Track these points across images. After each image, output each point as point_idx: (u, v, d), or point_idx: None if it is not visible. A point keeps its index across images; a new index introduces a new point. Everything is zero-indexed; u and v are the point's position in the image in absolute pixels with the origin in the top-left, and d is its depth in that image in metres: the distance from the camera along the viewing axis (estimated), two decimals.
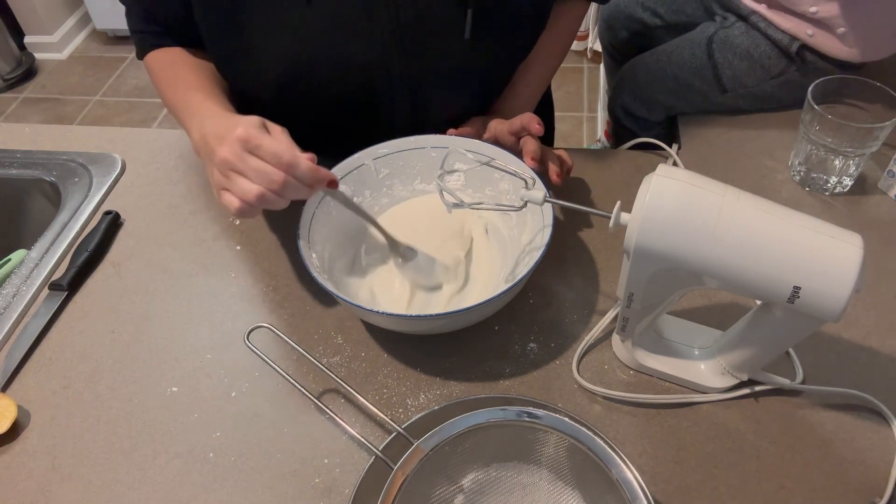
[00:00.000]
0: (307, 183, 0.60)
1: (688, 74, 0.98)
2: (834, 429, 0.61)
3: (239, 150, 0.59)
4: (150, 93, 2.58)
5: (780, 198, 0.82)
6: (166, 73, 0.79)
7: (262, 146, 0.58)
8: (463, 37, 0.73)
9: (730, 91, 0.94)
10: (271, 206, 0.60)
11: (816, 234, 0.50)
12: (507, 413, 0.53)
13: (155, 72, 0.80)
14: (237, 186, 0.59)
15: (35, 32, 2.78)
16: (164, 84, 0.78)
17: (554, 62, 0.90)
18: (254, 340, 0.65)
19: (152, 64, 0.81)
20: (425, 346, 0.68)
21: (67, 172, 0.90)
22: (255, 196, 0.58)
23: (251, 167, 0.58)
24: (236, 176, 0.59)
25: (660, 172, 0.52)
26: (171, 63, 0.79)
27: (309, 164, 0.60)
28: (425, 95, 0.80)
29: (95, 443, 0.63)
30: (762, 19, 0.92)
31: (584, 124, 2.27)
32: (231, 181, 0.60)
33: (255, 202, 0.59)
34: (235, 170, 0.59)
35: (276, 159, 0.58)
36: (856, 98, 0.78)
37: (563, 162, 0.76)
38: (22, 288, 0.76)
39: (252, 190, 0.58)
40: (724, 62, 0.95)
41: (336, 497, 0.58)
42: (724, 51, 0.95)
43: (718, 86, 0.95)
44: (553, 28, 0.85)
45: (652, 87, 1.05)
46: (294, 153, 0.59)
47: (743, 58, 0.94)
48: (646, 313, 0.60)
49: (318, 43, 0.73)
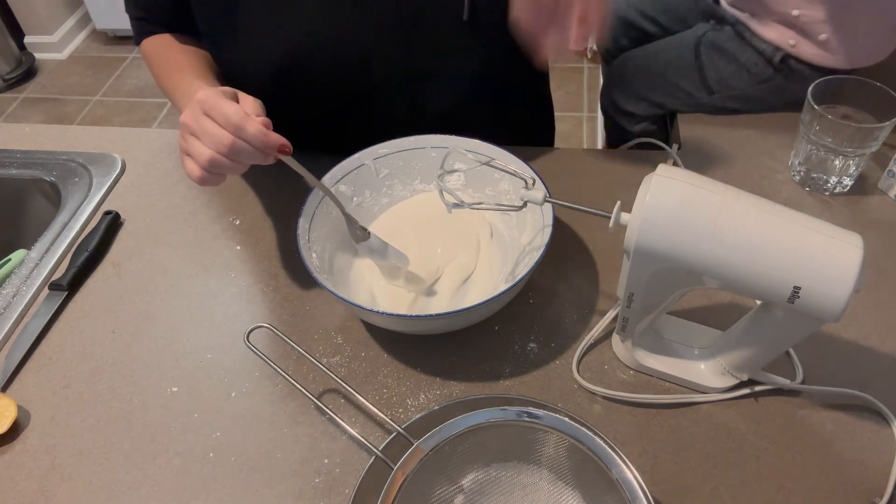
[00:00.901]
0: (256, 146, 0.58)
1: (674, 73, 0.98)
2: (834, 429, 0.61)
3: (197, 112, 0.58)
4: (150, 93, 2.58)
5: (780, 198, 0.82)
6: (159, 59, 0.80)
7: (215, 107, 0.57)
8: (461, 19, 0.73)
9: (716, 93, 0.94)
10: (227, 171, 0.59)
11: (816, 234, 0.50)
12: (507, 413, 0.53)
13: (149, 57, 0.81)
14: (193, 150, 0.59)
15: (35, 32, 2.78)
16: (158, 69, 0.79)
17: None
18: (254, 340, 0.65)
19: (147, 50, 0.82)
20: (425, 346, 0.68)
21: (67, 172, 0.90)
22: (206, 159, 0.58)
23: (204, 129, 0.58)
24: (192, 139, 0.59)
25: (660, 172, 0.52)
26: (164, 48, 0.80)
27: (257, 126, 0.58)
28: (424, 82, 0.80)
29: (95, 443, 0.63)
30: (746, 29, 0.92)
31: (584, 124, 2.27)
32: (189, 144, 0.59)
33: (207, 165, 0.58)
34: (192, 132, 0.59)
35: (226, 120, 0.57)
36: (855, 98, 0.78)
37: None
38: (22, 288, 0.76)
39: (204, 153, 0.58)
40: (710, 64, 0.95)
41: (336, 497, 0.58)
42: (710, 53, 0.95)
43: (704, 86, 0.95)
44: None
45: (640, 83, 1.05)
46: (242, 115, 0.57)
47: (730, 61, 0.93)
48: (646, 313, 0.60)
49: (315, 28, 0.73)
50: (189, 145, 0.59)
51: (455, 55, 0.78)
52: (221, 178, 0.60)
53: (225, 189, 0.87)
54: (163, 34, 0.81)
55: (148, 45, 0.82)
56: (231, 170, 0.59)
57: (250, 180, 0.88)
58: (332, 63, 0.76)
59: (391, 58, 0.76)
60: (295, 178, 0.63)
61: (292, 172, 0.62)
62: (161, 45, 0.81)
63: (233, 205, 0.85)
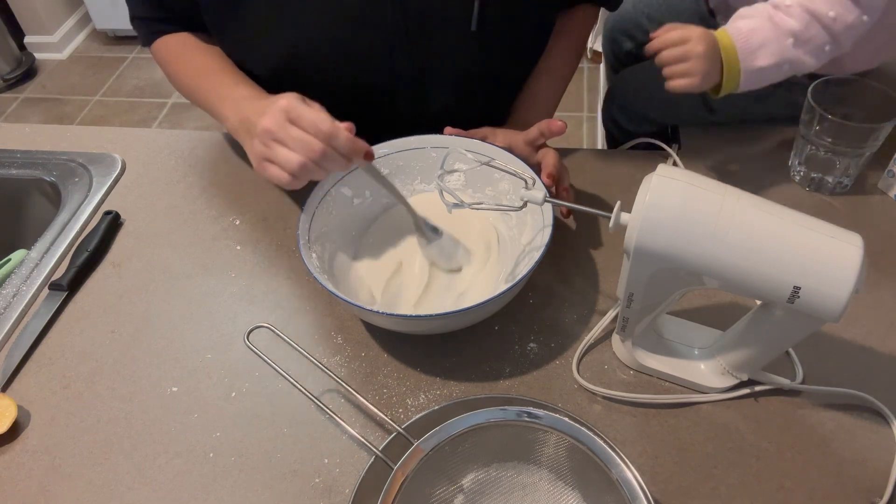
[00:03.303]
0: (345, 153, 0.61)
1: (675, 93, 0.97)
2: (834, 429, 0.61)
3: (281, 120, 0.60)
4: (150, 93, 2.58)
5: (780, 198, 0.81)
6: (180, 60, 0.79)
7: (303, 116, 0.60)
8: (469, 29, 0.73)
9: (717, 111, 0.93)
10: (312, 177, 0.62)
11: (816, 234, 0.50)
12: (507, 413, 0.53)
13: (165, 58, 0.80)
14: (279, 156, 0.61)
15: (35, 32, 2.78)
16: (176, 70, 0.79)
17: (566, 69, 0.89)
18: (254, 340, 0.65)
19: (161, 51, 0.81)
20: (425, 346, 0.68)
21: (67, 172, 0.90)
22: (297, 165, 0.60)
23: (292, 136, 0.60)
24: (277, 146, 0.61)
25: (660, 172, 0.52)
26: (182, 49, 0.79)
27: (347, 134, 0.61)
28: (428, 93, 0.79)
29: (95, 443, 0.63)
30: None
31: (584, 124, 2.27)
32: (273, 151, 0.61)
33: (298, 171, 0.60)
34: (277, 139, 0.61)
35: (316, 129, 0.59)
36: (856, 98, 0.78)
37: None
38: (22, 288, 0.76)
39: (293, 159, 0.60)
40: None
41: (336, 497, 0.58)
42: None
43: (705, 105, 0.94)
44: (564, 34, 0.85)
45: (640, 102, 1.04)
46: (334, 123, 0.60)
47: None
48: (646, 313, 0.60)
49: (321, 33, 0.73)
50: (274, 152, 0.61)
51: (460, 61, 0.78)
52: (304, 182, 0.63)
53: (225, 189, 0.87)
54: (176, 33, 0.80)
55: (162, 46, 0.81)
56: (317, 175, 0.62)
57: (250, 180, 0.88)
58: (335, 65, 0.76)
59: (396, 62, 0.76)
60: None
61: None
62: (177, 45, 0.80)
63: (233, 205, 0.85)
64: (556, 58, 0.86)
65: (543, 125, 0.73)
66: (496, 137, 0.77)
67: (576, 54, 0.89)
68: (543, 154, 0.73)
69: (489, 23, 0.73)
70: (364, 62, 0.76)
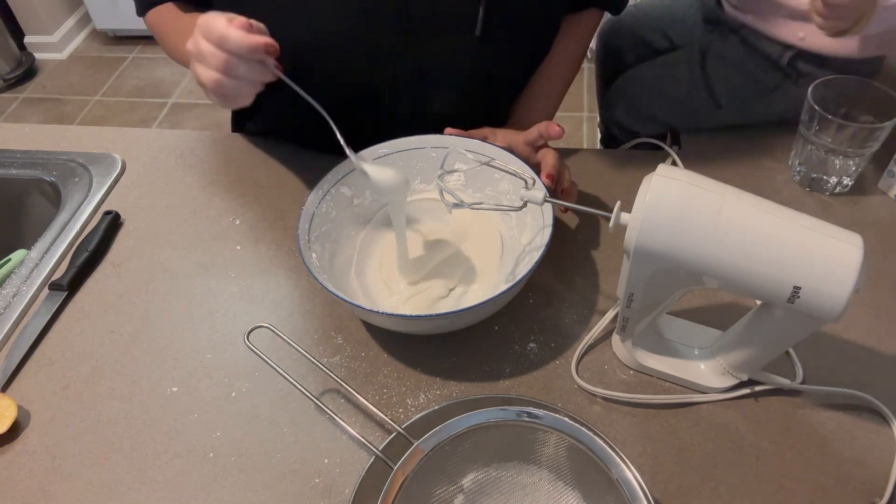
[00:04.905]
0: (242, 53, 0.56)
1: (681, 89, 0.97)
2: (834, 429, 0.61)
3: (196, 37, 0.58)
4: (150, 93, 2.58)
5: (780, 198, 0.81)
6: (169, 27, 0.79)
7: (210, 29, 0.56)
8: (473, 33, 0.73)
9: (724, 106, 0.93)
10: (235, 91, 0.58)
11: (816, 234, 0.50)
12: (507, 413, 0.53)
13: (157, 26, 0.81)
14: (202, 77, 0.58)
15: (35, 32, 2.78)
16: (167, 37, 0.79)
17: (568, 71, 0.89)
18: (254, 340, 0.65)
19: (153, 21, 0.81)
20: (425, 346, 0.68)
21: (67, 172, 0.90)
22: (212, 82, 0.57)
23: (201, 51, 0.57)
24: (198, 65, 0.58)
25: (660, 172, 0.52)
26: (174, 17, 0.79)
27: (237, 32, 0.55)
28: (429, 94, 0.79)
29: (95, 443, 0.63)
30: (752, 32, 0.91)
31: (584, 124, 2.27)
32: (197, 72, 0.59)
33: (216, 88, 0.57)
34: (196, 59, 0.58)
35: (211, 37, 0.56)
36: (855, 98, 0.78)
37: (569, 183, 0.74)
38: (22, 288, 0.76)
39: (210, 76, 0.57)
40: (717, 75, 0.93)
41: (336, 497, 0.58)
42: (717, 64, 0.93)
43: (713, 100, 0.94)
44: (567, 38, 0.85)
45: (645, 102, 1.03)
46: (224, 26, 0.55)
47: (737, 70, 0.92)
48: (646, 313, 0.60)
49: (322, 33, 0.73)
50: (198, 73, 0.58)
51: (463, 64, 0.78)
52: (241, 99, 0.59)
53: (225, 189, 0.87)
54: (168, 3, 0.80)
55: (154, 16, 0.81)
56: (238, 89, 0.58)
57: (250, 180, 0.88)
58: (337, 63, 0.76)
59: (399, 62, 0.76)
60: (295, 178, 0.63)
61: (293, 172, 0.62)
62: (169, 13, 0.80)
63: (233, 205, 0.85)
64: (559, 59, 0.86)
65: (542, 127, 0.72)
66: (496, 138, 0.77)
67: (578, 57, 0.89)
68: (543, 154, 0.73)
69: (493, 27, 0.73)
70: (366, 61, 0.76)
